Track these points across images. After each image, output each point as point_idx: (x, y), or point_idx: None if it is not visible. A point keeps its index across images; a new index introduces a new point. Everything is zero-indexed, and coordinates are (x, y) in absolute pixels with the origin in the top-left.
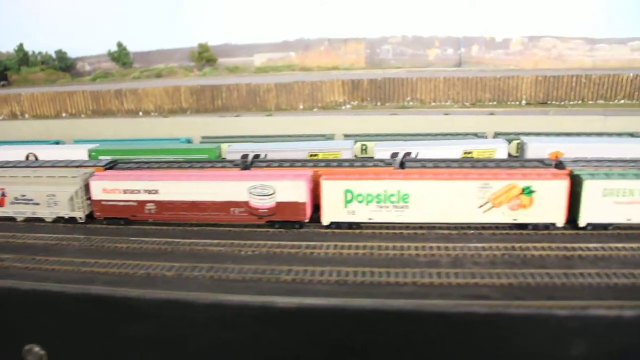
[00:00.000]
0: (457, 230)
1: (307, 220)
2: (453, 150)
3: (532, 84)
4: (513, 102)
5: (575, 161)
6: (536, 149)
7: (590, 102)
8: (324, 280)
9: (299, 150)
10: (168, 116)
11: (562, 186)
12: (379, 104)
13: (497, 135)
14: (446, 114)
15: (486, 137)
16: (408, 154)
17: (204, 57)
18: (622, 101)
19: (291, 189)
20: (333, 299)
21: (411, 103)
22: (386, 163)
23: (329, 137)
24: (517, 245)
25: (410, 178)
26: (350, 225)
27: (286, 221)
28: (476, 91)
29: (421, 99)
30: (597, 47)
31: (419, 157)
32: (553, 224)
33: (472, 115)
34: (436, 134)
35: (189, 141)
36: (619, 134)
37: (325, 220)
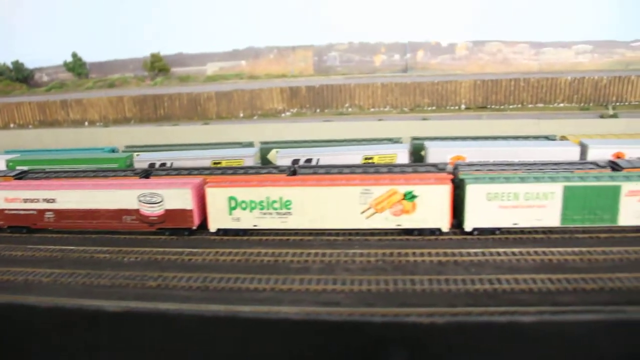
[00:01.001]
0: (344, 236)
1: (195, 228)
2: (354, 156)
3: (470, 89)
4: (452, 107)
5: (471, 165)
6: (436, 153)
7: (530, 105)
8: (186, 286)
9: (203, 159)
10: (110, 126)
11: (444, 191)
12: (318, 110)
13: (414, 140)
14: (380, 120)
15: (401, 142)
16: (309, 160)
17: (156, 66)
18: (562, 104)
19: (178, 197)
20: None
21: (350, 109)
22: (280, 170)
23: (246, 145)
24: (396, 251)
25: (292, 185)
26: (237, 232)
27: (176, 228)
28: (414, 96)
29: (360, 105)
30: (542, 50)
31: (321, 163)
32: (438, 230)
33: (406, 120)
34: (342, 140)
35: (113, 151)
36: (536, 137)
37: (212, 227)
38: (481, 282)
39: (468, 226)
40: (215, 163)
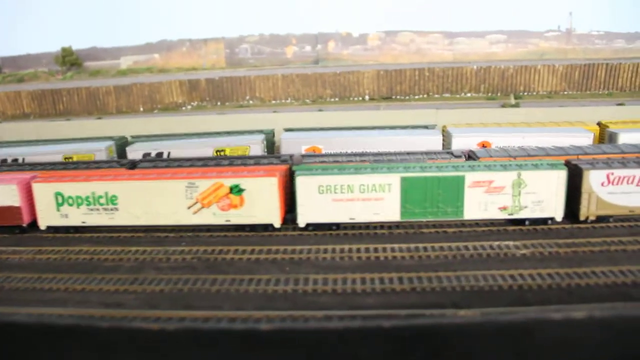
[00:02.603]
0: (176, 233)
1: (25, 225)
2: (205, 148)
3: (373, 79)
4: (356, 98)
5: (322, 156)
6: (290, 144)
7: (437, 95)
8: None
9: (54, 154)
10: (2, 122)
11: (271, 184)
12: (219, 103)
13: (286, 131)
14: (274, 112)
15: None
16: (160, 154)
17: (68, 61)
18: (469, 94)
19: (4, 193)
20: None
21: (251, 102)
22: (121, 164)
23: (103, 139)
24: (219, 248)
25: (117, 179)
26: (68, 229)
27: (6, 226)
28: (316, 88)
29: (261, 98)
30: (456, 40)
31: (173, 156)
32: (271, 225)
33: (303, 112)
34: (202, 133)
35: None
36: (414, 127)
37: (42, 224)
38: (286, 282)
39: (301, 221)
40: (66, 158)
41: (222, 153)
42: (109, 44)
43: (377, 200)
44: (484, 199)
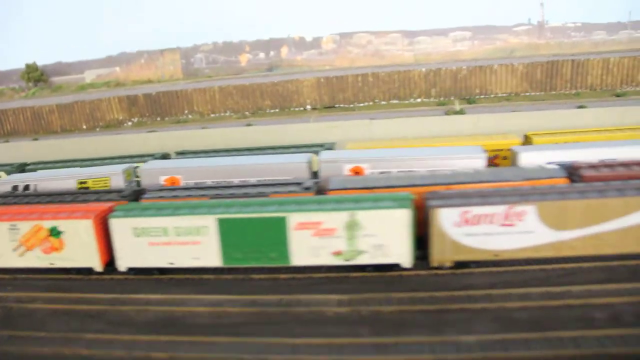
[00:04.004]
0: (10, 274)
1: None
2: (68, 181)
3: (313, 88)
4: (297, 108)
5: (171, 190)
6: (150, 175)
7: (383, 102)
8: None
9: None
10: None
11: (87, 226)
12: (158, 119)
13: (178, 154)
14: (203, 128)
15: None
16: (27, 187)
17: (32, 77)
18: (419, 99)
19: None
20: None
21: (190, 116)
22: None
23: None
24: (34, 295)
25: None
26: None
27: None
28: (254, 99)
29: (200, 112)
30: (416, 40)
31: (40, 189)
32: (90, 269)
33: (230, 127)
34: (70, 160)
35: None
36: (311, 146)
37: None
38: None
39: (120, 266)
40: None
41: (84, 185)
42: (74, 58)
43: (195, 244)
44: (313, 243)
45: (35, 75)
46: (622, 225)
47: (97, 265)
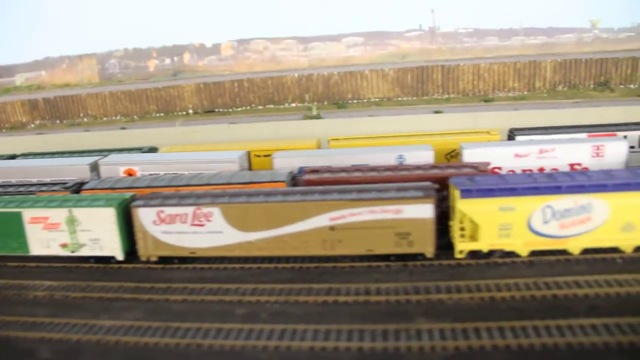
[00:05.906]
0: None
1: None
2: None
3: (194, 93)
4: (180, 113)
5: None
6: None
7: (260, 107)
8: None
9: None
10: None
11: None
12: (57, 122)
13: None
14: (86, 130)
15: None
16: None
17: None
18: (294, 104)
19: None
20: None
21: (85, 120)
22: None
23: None
24: None
25: None
26: None
27: None
28: (141, 104)
29: (94, 115)
30: (311, 46)
31: None
32: None
33: (108, 130)
34: None
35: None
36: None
37: None
38: None
39: None
40: None
41: None
42: (7, 62)
43: None
44: (45, 236)
45: None
46: (302, 229)
47: None
